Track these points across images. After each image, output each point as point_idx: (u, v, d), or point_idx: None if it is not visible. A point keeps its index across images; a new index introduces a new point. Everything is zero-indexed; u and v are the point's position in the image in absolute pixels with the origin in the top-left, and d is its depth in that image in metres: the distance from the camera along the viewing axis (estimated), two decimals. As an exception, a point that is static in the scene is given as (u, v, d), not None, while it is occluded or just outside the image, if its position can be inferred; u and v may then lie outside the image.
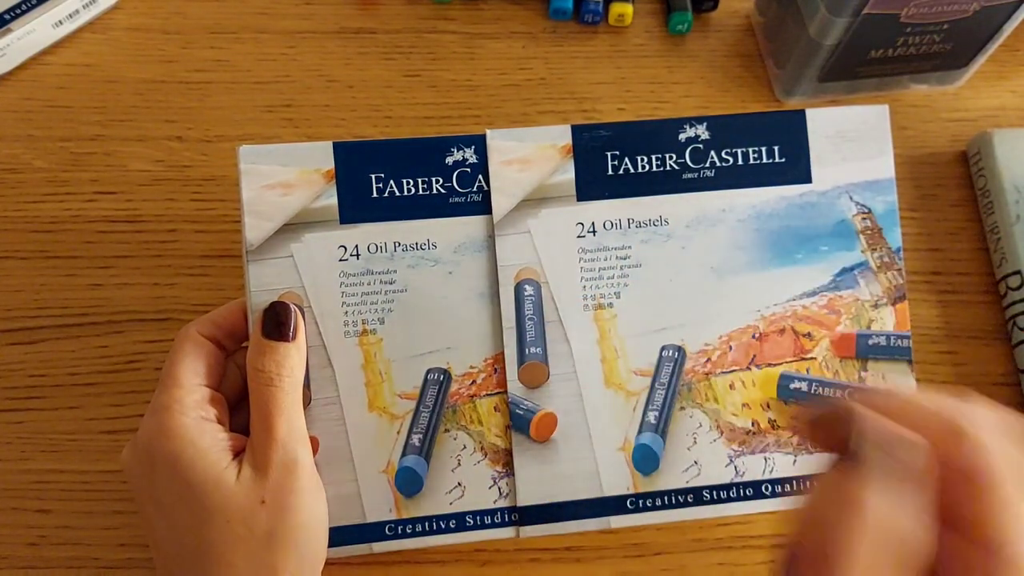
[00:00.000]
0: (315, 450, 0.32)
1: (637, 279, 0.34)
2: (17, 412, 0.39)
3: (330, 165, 0.33)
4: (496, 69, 0.47)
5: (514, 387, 0.33)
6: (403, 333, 0.33)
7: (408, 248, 0.33)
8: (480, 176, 0.34)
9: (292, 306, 0.31)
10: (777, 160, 0.34)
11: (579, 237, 0.34)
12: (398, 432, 0.33)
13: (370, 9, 0.48)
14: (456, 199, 0.33)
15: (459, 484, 0.33)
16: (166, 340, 0.40)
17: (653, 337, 0.31)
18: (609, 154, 0.34)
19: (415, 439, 0.33)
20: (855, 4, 0.38)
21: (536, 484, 0.33)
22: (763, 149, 0.34)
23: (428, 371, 0.33)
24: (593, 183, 0.34)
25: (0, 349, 0.40)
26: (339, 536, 0.32)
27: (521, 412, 0.33)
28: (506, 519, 0.33)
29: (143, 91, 0.45)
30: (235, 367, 0.33)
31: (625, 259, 0.34)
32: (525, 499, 0.33)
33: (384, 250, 0.33)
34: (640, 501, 0.33)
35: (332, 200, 0.33)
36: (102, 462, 0.38)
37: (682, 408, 0.34)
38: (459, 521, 0.33)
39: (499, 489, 0.33)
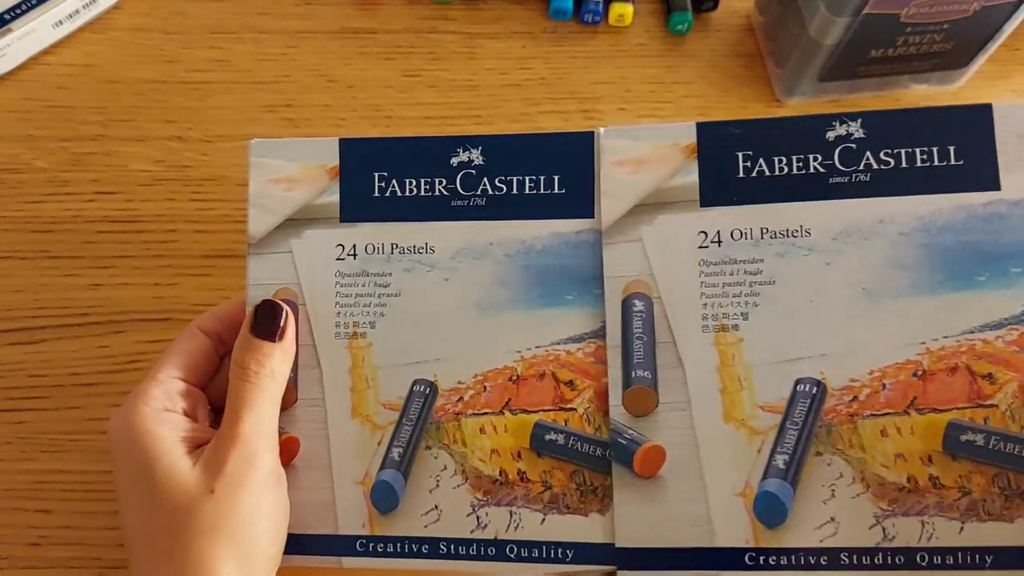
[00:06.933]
0: (296, 452, 0.31)
1: (769, 299, 0.29)
2: (17, 412, 0.39)
3: (335, 161, 0.32)
4: (496, 69, 0.47)
5: (617, 413, 0.30)
6: (393, 339, 0.32)
7: (405, 251, 0.32)
8: (485, 180, 0.32)
9: (284, 307, 0.31)
10: (953, 163, 0.29)
11: (701, 248, 0.30)
12: (379, 443, 0.31)
13: (370, 9, 0.48)
14: (458, 202, 0.32)
15: (436, 507, 0.31)
16: (167, 340, 0.40)
17: (786, 368, 0.28)
18: (740, 154, 0.30)
19: (395, 453, 0.31)
20: (855, 4, 0.38)
21: (637, 524, 0.29)
22: (934, 150, 0.29)
23: (414, 382, 0.31)
24: (720, 187, 0.30)
25: (0, 349, 0.40)
26: (310, 544, 0.31)
27: (624, 442, 0.30)
28: (483, 552, 0.31)
29: (143, 91, 0.45)
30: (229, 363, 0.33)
31: (756, 275, 0.30)
32: (624, 540, 0.30)
33: (381, 251, 0.32)
34: (761, 558, 0.29)
35: (334, 197, 0.32)
36: (102, 462, 0.38)
37: (819, 454, 0.29)
38: (432, 547, 0.31)
39: (477, 518, 0.31)
